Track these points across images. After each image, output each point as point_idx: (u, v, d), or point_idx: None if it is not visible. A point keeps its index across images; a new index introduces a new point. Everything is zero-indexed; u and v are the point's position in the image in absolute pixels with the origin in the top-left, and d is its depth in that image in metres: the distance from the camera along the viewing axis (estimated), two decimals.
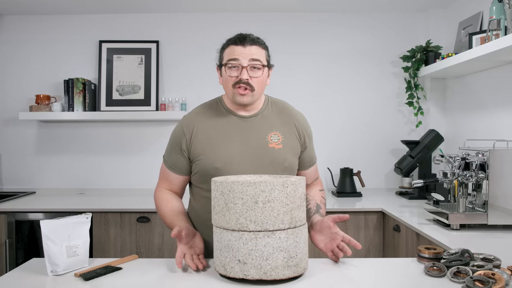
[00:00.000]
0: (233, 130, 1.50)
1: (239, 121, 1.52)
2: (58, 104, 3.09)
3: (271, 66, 1.53)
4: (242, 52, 1.43)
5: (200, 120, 1.52)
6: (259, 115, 1.53)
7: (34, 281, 1.26)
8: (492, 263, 1.27)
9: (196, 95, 3.28)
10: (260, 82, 1.47)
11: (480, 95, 2.66)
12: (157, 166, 3.28)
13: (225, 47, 1.49)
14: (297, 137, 1.55)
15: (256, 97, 1.48)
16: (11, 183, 3.29)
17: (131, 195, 3.04)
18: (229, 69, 1.45)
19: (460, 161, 1.95)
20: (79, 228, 1.37)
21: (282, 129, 1.53)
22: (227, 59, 1.46)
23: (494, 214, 1.85)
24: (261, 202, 1.16)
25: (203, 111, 1.56)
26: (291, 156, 1.52)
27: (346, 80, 3.27)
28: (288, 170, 1.51)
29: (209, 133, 1.49)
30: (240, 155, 1.47)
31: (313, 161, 1.64)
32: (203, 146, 1.48)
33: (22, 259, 2.59)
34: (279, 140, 1.50)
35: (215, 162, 1.46)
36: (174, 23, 3.29)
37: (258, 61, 1.44)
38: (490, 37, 2.18)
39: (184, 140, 1.51)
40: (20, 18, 3.29)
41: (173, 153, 1.54)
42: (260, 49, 1.47)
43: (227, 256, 1.19)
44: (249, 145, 1.48)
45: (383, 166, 3.26)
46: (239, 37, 1.47)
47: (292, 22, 3.25)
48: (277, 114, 1.56)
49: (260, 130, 1.51)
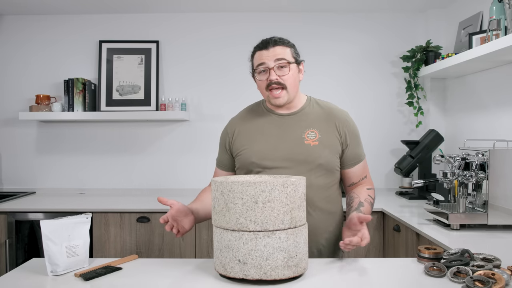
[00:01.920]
0: (271, 127, 1.57)
1: (277, 119, 1.59)
2: (58, 104, 3.09)
3: (301, 62, 1.58)
4: (267, 55, 1.51)
5: (242, 121, 1.64)
6: (299, 113, 1.59)
7: (34, 281, 1.26)
8: (492, 263, 1.27)
9: (196, 95, 3.28)
10: (290, 79, 1.52)
11: (480, 95, 2.66)
12: (157, 166, 3.33)
13: (252, 54, 1.58)
14: (336, 136, 1.56)
15: (291, 94, 1.54)
16: (11, 183, 3.29)
17: (131, 195, 3.04)
18: (259, 74, 1.54)
19: (460, 161, 1.95)
20: (79, 228, 1.37)
21: (321, 127, 1.56)
22: (256, 64, 1.54)
23: (494, 214, 1.85)
24: (261, 202, 1.16)
25: (245, 113, 1.67)
26: (327, 153, 1.53)
27: (346, 80, 3.27)
28: (324, 167, 1.53)
29: (249, 131, 1.59)
30: (275, 150, 1.52)
31: (359, 159, 1.62)
32: (243, 142, 1.58)
33: (22, 259, 2.59)
34: (316, 137, 1.54)
35: (252, 156, 1.54)
36: (174, 23, 3.29)
37: (283, 59, 1.50)
38: (490, 37, 2.18)
39: (228, 139, 1.63)
40: (20, 18, 3.29)
41: (220, 152, 1.68)
42: (284, 48, 1.52)
43: (227, 256, 1.19)
44: (285, 141, 1.54)
45: (383, 166, 3.26)
46: (263, 42, 1.54)
47: (292, 22, 3.25)
48: (318, 112, 1.60)
49: (298, 127, 1.56)
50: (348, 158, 1.59)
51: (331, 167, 1.55)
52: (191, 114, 3.27)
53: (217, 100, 3.28)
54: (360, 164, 1.62)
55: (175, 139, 3.28)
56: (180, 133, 3.28)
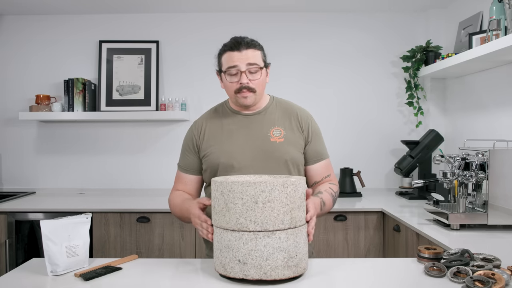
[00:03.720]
0: (237, 127, 1.59)
1: (243, 119, 1.61)
2: (58, 104, 3.09)
3: (268, 65, 1.60)
4: (239, 58, 1.50)
5: (208, 121, 1.64)
6: (263, 112, 1.62)
7: (34, 281, 1.26)
8: (492, 263, 1.27)
9: (196, 95, 3.28)
10: (259, 83, 1.55)
11: (480, 95, 2.66)
12: (157, 166, 3.32)
13: (222, 53, 1.56)
14: (300, 132, 1.60)
15: (258, 97, 1.57)
16: (11, 183, 3.29)
17: (131, 195, 3.04)
18: (229, 76, 1.53)
19: (460, 161, 1.95)
20: (79, 228, 1.37)
21: (285, 125, 1.60)
22: (226, 66, 1.53)
23: (494, 214, 1.85)
24: (261, 202, 1.16)
25: (210, 114, 1.68)
26: (292, 149, 1.56)
27: (346, 80, 3.27)
28: (290, 163, 1.55)
29: (215, 132, 1.60)
30: (243, 149, 1.55)
31: (321, 157, 1.64)
32: (210, 143, 1.59)
33: (22, 259, 2.59)
34: (281, 134, 1.57)
35: (220, 157, 1.54)
36: (174, 23, 3.29)
37: (255, 64, 1.52)
38: (490, 37, 2.18)
39: (194, 139, 1.63)
40: (20, 18, 3.29)
41: (185, 155, 1.65)
42: (255, 51, 1.54)
43: (227, 256, 1.19)
44: (252, 140, 1.56)
45: (383, 166, 3.26)
46: (234, 42, 1.53)
47: (292, 22, 3.25)
48: (281, 111, 1.63)
49: (263, 125, 1.59)
50: (311, 154, 1.62)
51: (296, 163, 1.58)
52: (191, 114, 3.27)
53: (217, 100, 3.20)
54: (322, 163, 1.64)
55: (175, 139, 3.27)
56: (180, 133, 3.28)
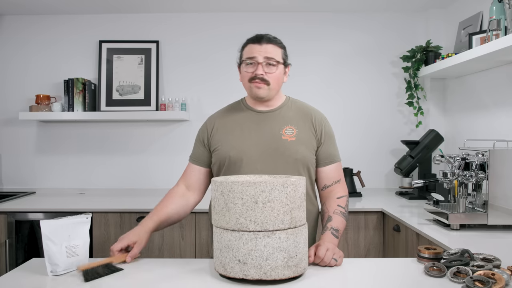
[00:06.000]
0: (250, 123, 1.61)
1: (256, 115, 1.62)
2: (58, 104, 3.09)
3: (288, 65, 1.63)
4: (259, 50, 1.54)
5: (221, 117, 1.66)
6: (277, 110, 1.63)
7: (34, 281, 1.26)
8: (492, 263, 1.27)
9: (196, 95, 3.28)
10: (275, 78, 1.56)
11: (480, 95, 2.66)
12: (157, 166, 3.32)
13: (244, 46, 1.60)
14: (313, 133, 1.60)
15: (272, 91, 1.58)
16: (11, 183, 3.29)
17: (132, 195, 3.04)
18: (246, 66, 1.57)
19: (460, 161, 1.95)
20: (79, 228, 1.37)
21: (298, 124, 1.60)
22: (245, 57, 1.57)
23: (494, 214, 1.85)
24: (261, 202, 1.16)
25: (225, 110, 1.70)
26: (303, 149, 1.57)
27: (346, 80, 3.27)
28: (300, 162, 1.56)
29: (228, 127, 1.62)
30: (253, 145, 1.56)
31: (332, 159, 1.63)
32: (221, 137, 1.61)
33: (22, 259, 2.59)
34: (293, 133, 1.58)
35: (230, 150, 1.56)
36: (174, 23, 3.29)
37: (272, 59, 1.54)
38: (490, 37, 2.18)
39: (206, 134, 1.65)
40: (20, 18, 3.29)
41: (196, 148, 1.68)
42: (276, 47, 1.57)
43: (227, 256, 1.19)
44: (263, 137, 1.57)
45: (383, 166, 3.26)
46: (257, 36, 1.58)
47: (292, 22, 3.25)
48: (295, 111, 1.64)
49: (276, 123, 1.59)
50: (322, 156, 1.62)
51: (307, 162, 1.58)
52: (191, 114, 3.27)
53: (217, 100, 3.27)
54: (333, 165, 1.63)
55: (175, 139, 3.28)
56: (180, 133, 3.28)
